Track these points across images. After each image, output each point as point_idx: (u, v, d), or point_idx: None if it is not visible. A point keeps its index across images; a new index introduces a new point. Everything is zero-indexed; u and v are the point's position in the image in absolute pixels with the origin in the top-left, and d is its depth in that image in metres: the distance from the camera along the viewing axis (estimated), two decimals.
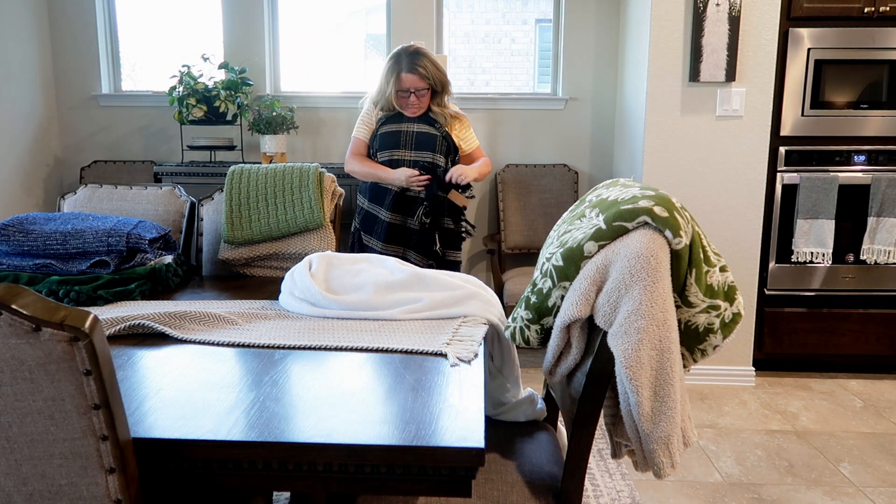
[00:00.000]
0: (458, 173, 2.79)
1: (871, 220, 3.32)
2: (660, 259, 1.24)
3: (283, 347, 1.46)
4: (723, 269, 1.34)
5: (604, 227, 1.32)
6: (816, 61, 3.27)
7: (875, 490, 2.45)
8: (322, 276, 1.76)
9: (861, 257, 3.36)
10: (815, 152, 3.34)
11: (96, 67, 4.08)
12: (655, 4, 3.20)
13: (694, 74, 3.20)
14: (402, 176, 2.78)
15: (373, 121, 2.95)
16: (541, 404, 1.73)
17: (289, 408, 1.16)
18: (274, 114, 3.79)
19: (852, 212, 3.35)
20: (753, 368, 3.42)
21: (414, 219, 2.84)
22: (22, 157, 3.89)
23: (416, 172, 2.78)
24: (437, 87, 2.87)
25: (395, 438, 1.05)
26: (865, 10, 3.22)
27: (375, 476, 1.06)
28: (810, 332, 3.45)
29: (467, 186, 2.85)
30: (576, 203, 1.59)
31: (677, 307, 1.32)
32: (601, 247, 1.32)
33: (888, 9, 3.21)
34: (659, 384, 1.25)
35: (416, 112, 2.87)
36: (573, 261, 1.35)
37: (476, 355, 1.39)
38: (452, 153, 2.94)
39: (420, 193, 2.81)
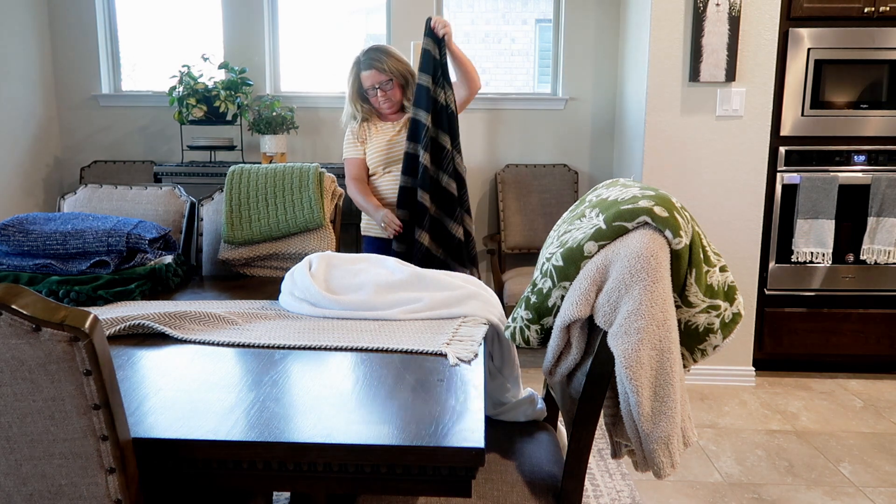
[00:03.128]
0: (440, 23, 2.70)
1: (871, 220, 3.32)
2: (660, 259, 1.24)
3: (283, 347, 1.46)
4: (723, 269, 1.34)
5: (604, 227, 1.32)
6: (816, 61, 3.27)
7: (875, 490, 2.45)
8: (322, 276, 1.76)
9: (861, 257, 3.36)
10: (815, 152, 3.34)
11: (96, 67, 4.08)
12: (655, 4, 3.20)
13: (694, 74, 3.20)
14: (378, 217, 2.75)
15: (359, 135, 2.86)
16: (541, 404, 1.73)
17: (289, 408, 1.16)
18: (274, 114, 3.79)
19: (852, 212, 3.35)
20: (753, 368, 3.42)
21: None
22: (22, 157, 3.89)
23: (396, 221, 2.70)
24: (401, 80, 2.82)
25: (395, 438, 1.05)
26: (865, 10, 3.22)
27: (375, 476, 1.06)
28: (810, 332, 3.45)
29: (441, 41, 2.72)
30: (576, 203, 1.59)
31: (677, 307, 1.32)
32: (601, 247, 1.32)
33: (888, 9, 3.21)
34: (659, 384, 1.25)
35: (391, 107, 2.81)
36: (573, 261, 1.35)
37: (476, 355, 1.39)
38: (449, 120, 2.79)
39: (390, 235, 2.75)
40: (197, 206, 2.41)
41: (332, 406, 1.16)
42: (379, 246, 2.85)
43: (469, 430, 1.07)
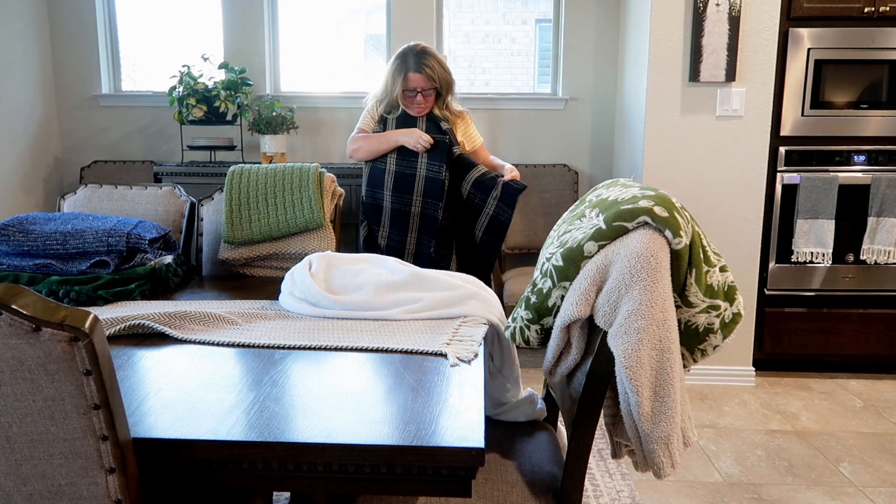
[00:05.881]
0: (512, 175, 2.86)
1: (871, 220, 3.32)
2: (660, 259, 1.24)
3: (283, 347, 1.46)
4: (723, 269, 1.34)
5: (604, 227, 1.32)
6: (816, 61, 3.27)
7: (875, 490, 2.45)
8: (322, 276, 1.76)
9: (861, 257, 3.36)
10: (815, 152, 3.34)
11: (96, 67, 4.08)
12: (655, 4, 3.20)
13: (694, 74, 3.20)
14: (412, 139, 2.80)
15: (377, 117, 2.96)
16: (541, 404, 1.73)
17: (289, 408, 1.16)
18: (274, 114, 3.79)
19: (852, 212, 3.35)
20: (753, 368, 3.42)
21: (420, 169, 2.85)
22: (22, 157, 3.89)
23: (429, 137, 2.80)
24: (442, 90, 2.87)
25: (395, 438, 1.05)
26: (865, 10, 3.22)
27: (375, 476, 1.06)
28: (810, 332, 3.45)
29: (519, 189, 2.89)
30: (576, 203, 1.59)
31: (677, 307, 1.32)
32: (601, 247, 1.32)
33: (888, 9, 3.21)
34: (659, 384, 1.25)
35: (421, 111, 2.87)
36: (573, 261, 1.35)
37: (476, 355, 1.39)
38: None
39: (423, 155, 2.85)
40: (197, 206, 2.41)
41: (332, 406, 1.16)
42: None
43: (469, 430, 1.07)
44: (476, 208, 2.86)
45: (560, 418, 1.80)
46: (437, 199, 2.83)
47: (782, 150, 3.33)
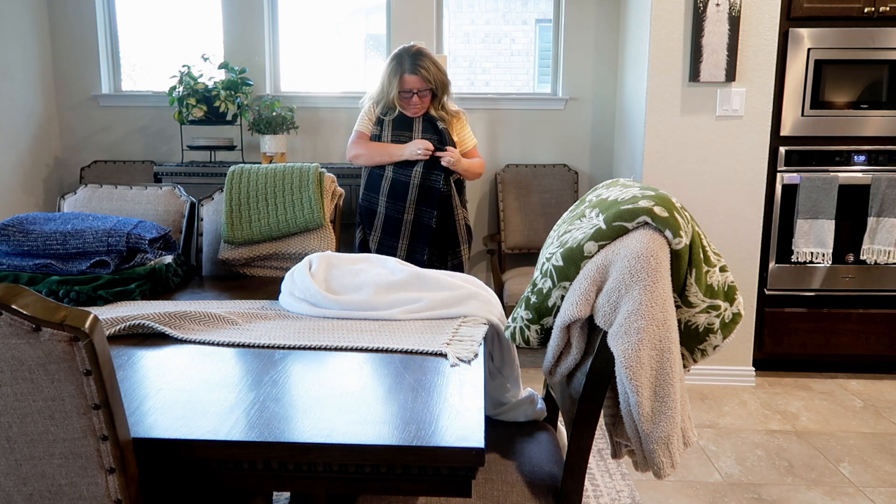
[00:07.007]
0: (450, 156, 2.86)
1: (871, 220, 3.32)
2: (660, 259, 1.24)
3: (283, 347, 1.46)
4: (723, 269, 1.34)
5: (604, 227, 1.32)
6: (816, 61, 3.27)
7: (875, 490, 2.45)
8: (322, 276, 1.76)
9: (861, 257, 3.36)
10: (815, 152, 3.34)
11: (96, 67, 4.08)
12: (655, 4, 3.20)
13: (694, 74, 3.20)
14: (413, 147, 2.82)
15: (374, 118, 2.98)
16: (541, 404, 1.73)
17: (289, 408, 1.16)
18: (274, 114, 3.79)
19: (852, 212, 3.35)
20: (753, 368, 3.42)
21: (414, 178, 2.87)
22: (22, 157, 3.89)
23: (429, 144, 2.82)
24: (437, 91, 2.89)
25: (395, 438, 1.05)
26: (865, 10, 3.22)
27: (375, 476, 1.06)
28: (810, 332, 3.45)
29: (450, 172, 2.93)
30: (576, 203, 1.59)
31: (677, 307, 1.32)
32: (601, 247, 1.32)
33: (888, 9, 3.21)
34: (659, 384, 1.25)
35: (417, 112, 2.90)
36: (573, 261, 1.35)
37: (476, 355, 1.39)
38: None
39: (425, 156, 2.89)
40: (197, 206, 2.41)
41: (332, 406, 1.16)
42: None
43: (469, 430, 1.07)
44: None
45: (560, 418, 1.80)
46: (431, 207, 2.84)
47: (782, 150, 3.33)
